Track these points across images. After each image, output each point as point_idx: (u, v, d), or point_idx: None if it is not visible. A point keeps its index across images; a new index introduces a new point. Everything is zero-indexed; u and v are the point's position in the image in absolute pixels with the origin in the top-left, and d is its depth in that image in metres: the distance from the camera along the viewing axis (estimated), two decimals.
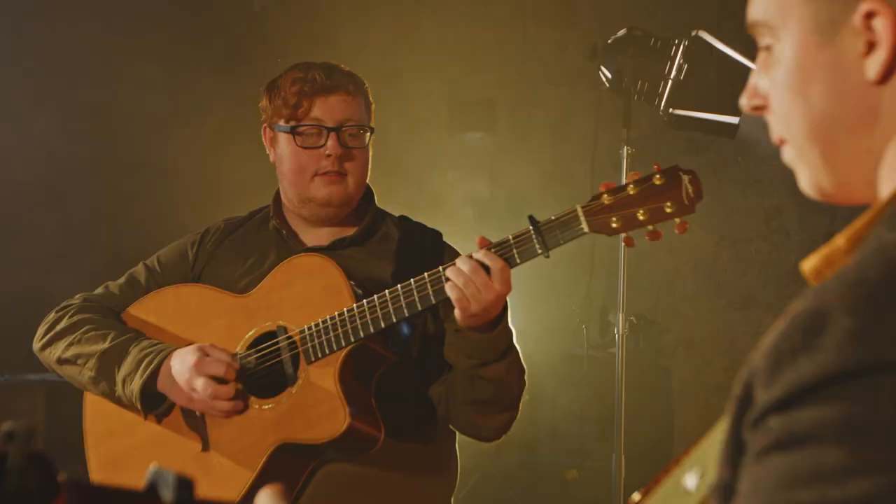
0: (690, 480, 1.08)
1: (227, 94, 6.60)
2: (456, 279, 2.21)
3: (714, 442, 1.07)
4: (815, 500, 0.83)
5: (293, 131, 2.60)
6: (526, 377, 2.50)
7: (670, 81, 4.37)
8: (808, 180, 1.12)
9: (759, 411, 0.89)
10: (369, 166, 2.67)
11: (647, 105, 4.54)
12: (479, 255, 2.22)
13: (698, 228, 6.01)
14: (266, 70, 2.67)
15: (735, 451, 0.93)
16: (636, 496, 1.14)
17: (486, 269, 2.21)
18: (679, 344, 6.19)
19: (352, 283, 2.42)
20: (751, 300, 6.00)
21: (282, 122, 2.62)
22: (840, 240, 1.01)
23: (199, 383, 2.42)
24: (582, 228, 2.16)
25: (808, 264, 1.04)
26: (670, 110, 4.40)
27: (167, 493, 0.98)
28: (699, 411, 6.07)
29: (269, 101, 2.67)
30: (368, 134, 2.64)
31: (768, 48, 1.11)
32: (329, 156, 2.57)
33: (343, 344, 2.36)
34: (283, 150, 2.64)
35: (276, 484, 1.19)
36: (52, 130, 6.22)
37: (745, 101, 1.15)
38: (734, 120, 4.42)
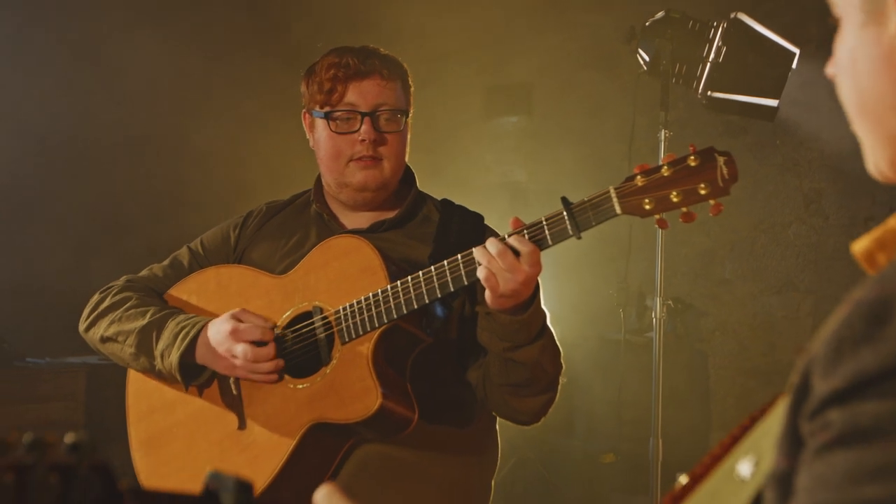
0: (745, 468, 1.06)
1: (262, 79, 6.63)
2: (483, 260, 2.21)
3: (768, 429, 1.04)
4: (883, 496, 0.81)
5: (328, 117, 2.61)
6: (562, 359, 2.48)
7: (709, 64, 4.34)
8: (867, 159, 1.08)
9: (817, 402, 0.87)
10: (407, 150, 2.67)
11: (685, 88, 4.51)
12: (510, 238, 2.22)
13: (736, 212, 5.97)
14: (302, 54, 2.67)
15: (792, 442, 0.90)
16: (683, 479, 1.12)
17: (516, 251, 2.20)
18: (716, 328, 6.16)
19: (388, 264, 2.42)
20: (789, 284, 5.96)
21: (317, 108, 2.63)
22: (893, 221, 0.98)
23: (239, 349, 2.45)
24: (614, 210, 2.14)
25: (859, 246, 1.01)
26: (708, 93, 4.37)
27: (227, 497, 0.98)
28: (736, 395, 6.05)
29: (306, 86, 2.68)
30: (404, 118, 2.63)
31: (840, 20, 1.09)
32: (363, 141, 2.57)
33: (377, 325, 2.37)
34: (319, 135, 2.65)
35: (332, 483, 1.19)
36: (89, 116, 6.27)
37: (827, 69, 1.13)
38: (773, 103, 4.38)
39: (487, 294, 2.23)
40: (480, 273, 2.20)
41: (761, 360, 5.98)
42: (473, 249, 2.24)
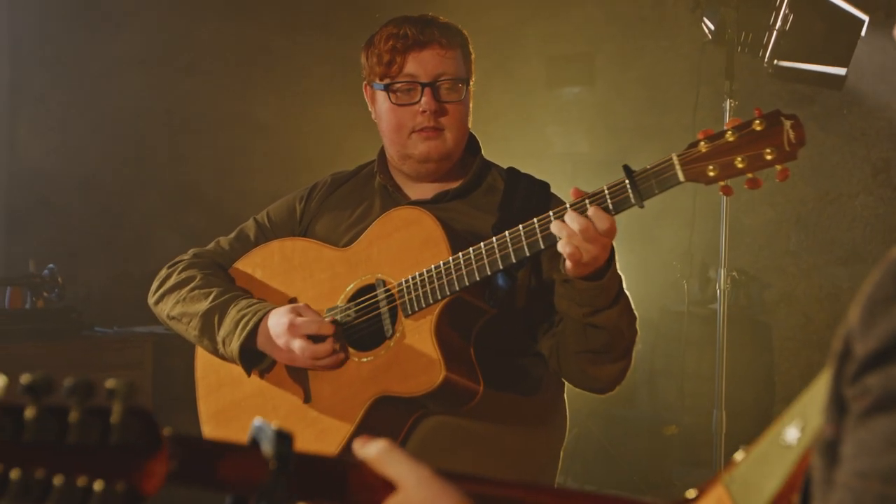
0: (791, 434, 1.05)
1: (323, 51, 6.65)
2: (563, 234, 2.18)
3: (815, 395, 1.04)
4: None
5: (388, 89, 2.59)
6: (637, 325, 2.47)
7: (775, 32, 4.28)
8: None
9: (857, 366, 0.86)
10: (469, 119, 2.65)
11: (750, 57, 4.45)
12: (590, 212, 2.19)
13: (802, 182, 5.90)
14: (361, 28, 2.66)
15: (837, 408, 0.90)
16: (740, 455, 1.12)
17: (594, 223, 2.18)
18: (781, 300, 6.10)
19: (449, 235, 2.42)
20: (855, 255, 5.88)
21: (377, 80, 2.62)
22: None
23: (297, 345, 2.45)
24: (677, 177, 2.10)
25: None
26: (775, 62, 4.31)
27: (267, 446, 1.00)
28: (800, 368, 5.99)
29: (366, 58, 2.67)
30: (465, 86, 2.61)
31: None
32: (424, 112, 2.55)
33: (439, 297, 2.36)
34: (380, 107, 2.64)
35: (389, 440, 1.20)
36: (155, 88, 6.34)
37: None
38: (841, 71, 4.32)
39: (567, 263, 2.22)
40: (562, 246, 2.19)
41: (827, 333, 5.91)
42: (552, 223, 2.22)
